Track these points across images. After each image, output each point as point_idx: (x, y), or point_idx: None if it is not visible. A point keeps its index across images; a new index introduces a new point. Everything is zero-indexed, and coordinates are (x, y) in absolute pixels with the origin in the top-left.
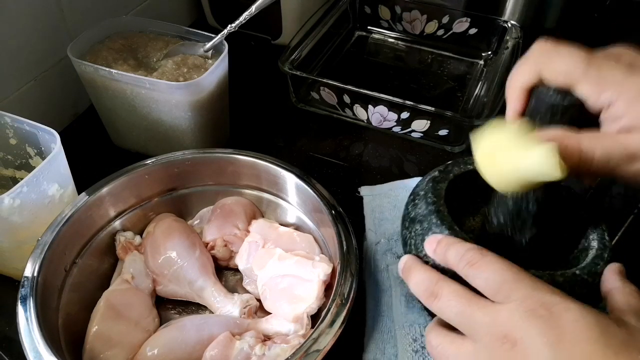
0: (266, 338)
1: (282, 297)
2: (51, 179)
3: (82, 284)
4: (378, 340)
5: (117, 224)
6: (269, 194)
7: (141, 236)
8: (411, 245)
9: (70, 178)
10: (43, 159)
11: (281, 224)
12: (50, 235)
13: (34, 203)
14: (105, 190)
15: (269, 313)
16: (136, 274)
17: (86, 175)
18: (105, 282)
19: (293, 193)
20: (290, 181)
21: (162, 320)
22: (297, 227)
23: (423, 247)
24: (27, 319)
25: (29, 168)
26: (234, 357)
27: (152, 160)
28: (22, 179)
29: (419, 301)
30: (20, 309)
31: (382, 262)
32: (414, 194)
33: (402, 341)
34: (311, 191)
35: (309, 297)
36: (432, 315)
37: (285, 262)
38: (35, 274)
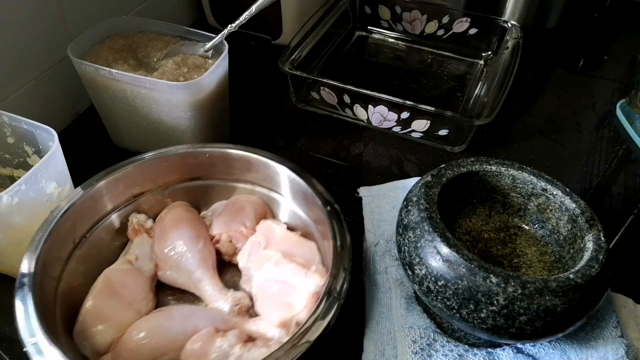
0: (250, 339)
1: (272, 301)
2: (49, 177)
3: (89, 257)
4: (377, 341)
5: (133, 205)
6: (278, 194)
7: (154, 220)
8: (405, 252)
9: (68, 176)
10: (41, 157)
11: (290, 228)
12: (63, 207)
13: (32, 201)
14: (123, 172)
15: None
16: (141, 256)
17: (86, 175)
18: (113, 260)
19: (300, 197)
20: (296, 183)
21: (160, 305)
22: (305, 234)
23: (416, 255)
24: (24, 284)
25: (27, 167)
26: (213, 352)
27: (174, 148)
28: (20, 177)
29: (419, 303)
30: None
31: (381, 263)
32: (406, 200)
33: (401, 343)
34: (316, 198)
35: (298, 306)
36: (432, 317)
37: (281, 267)
38: (42, 242)
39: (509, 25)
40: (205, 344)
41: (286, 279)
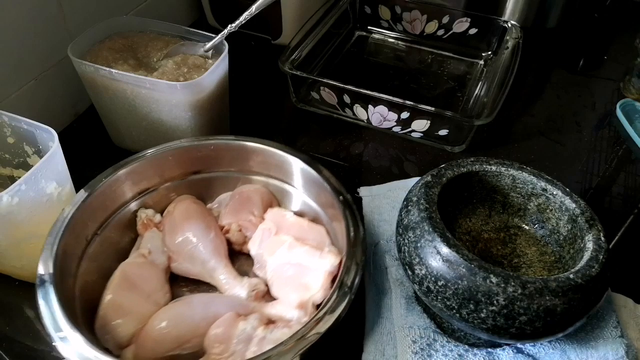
0: (270, 322)
1: (289, 284)
2: (49, 177)
3: (102, 254)
4: (377, 341)
5: (140, 201)
6: (288, 185)
7: (162, 215)
8: (405, 252)
9: (68, 176)
10: (41, 157)
11: (297, 214)
12: (74, 206)
13: (32, 201)
14: (130, 167)
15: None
16: (153, 249)
17: (86, 175)
18: (124, 255)
19: (309, 185)
20: (305, 173)
21: (174, 297)
22: (313, 219)
23: (416, 255)
24: (44, 281)
25: (27, 167)
26: (237, 336)
27: (178, 142)
28: (20, 177)
29: (419, 303)
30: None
31: (381, 263)
32: (407, 200)
33: (402, 343)
34: (325, 184)
35: (315, 286)
36: (432, 317)
37: (295, 250)
38: (57, 241)
39: (509, 25)
40: (228, 328)
41: (301, 261)
